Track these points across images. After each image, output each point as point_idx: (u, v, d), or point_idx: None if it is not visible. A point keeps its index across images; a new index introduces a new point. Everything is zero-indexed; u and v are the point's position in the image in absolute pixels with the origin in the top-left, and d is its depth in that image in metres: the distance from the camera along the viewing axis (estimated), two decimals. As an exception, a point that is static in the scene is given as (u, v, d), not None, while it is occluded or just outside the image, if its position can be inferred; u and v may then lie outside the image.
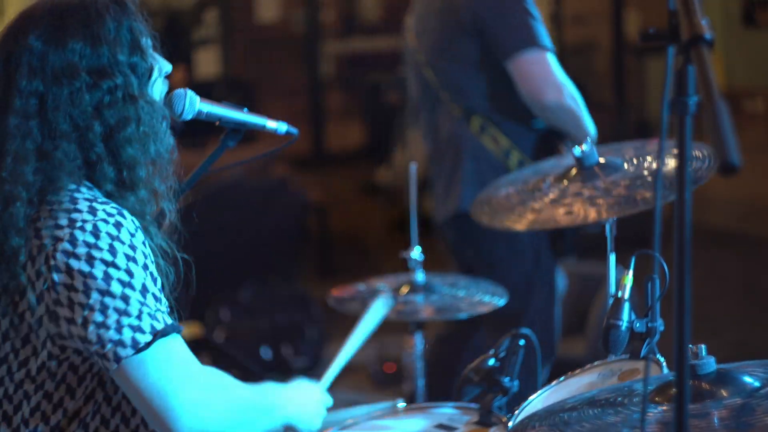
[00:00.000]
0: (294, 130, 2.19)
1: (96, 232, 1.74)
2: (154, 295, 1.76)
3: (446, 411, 2.20)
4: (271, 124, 2.16)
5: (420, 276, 2.83)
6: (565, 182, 2.44)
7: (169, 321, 1.77)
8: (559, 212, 2.39)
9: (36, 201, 1.79)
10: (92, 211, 1.77)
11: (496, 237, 3.35)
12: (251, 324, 4.95)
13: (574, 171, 2.44)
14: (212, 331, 4.84)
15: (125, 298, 1.73)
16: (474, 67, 3.46)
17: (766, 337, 5.14)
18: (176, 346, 1.77)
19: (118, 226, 1.76)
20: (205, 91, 2.16)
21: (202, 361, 1.85)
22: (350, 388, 4.15)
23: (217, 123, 2.08)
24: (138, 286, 1.74)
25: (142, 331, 1.73)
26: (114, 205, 1.80)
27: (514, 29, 3.34)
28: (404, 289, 2.83)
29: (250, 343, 4.85)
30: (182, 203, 2.00)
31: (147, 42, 1.89)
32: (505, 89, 3.39)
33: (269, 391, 2.04)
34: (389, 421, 2.19)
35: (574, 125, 3.35)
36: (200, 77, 8.65)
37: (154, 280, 1.79)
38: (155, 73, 1.89)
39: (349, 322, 2.65)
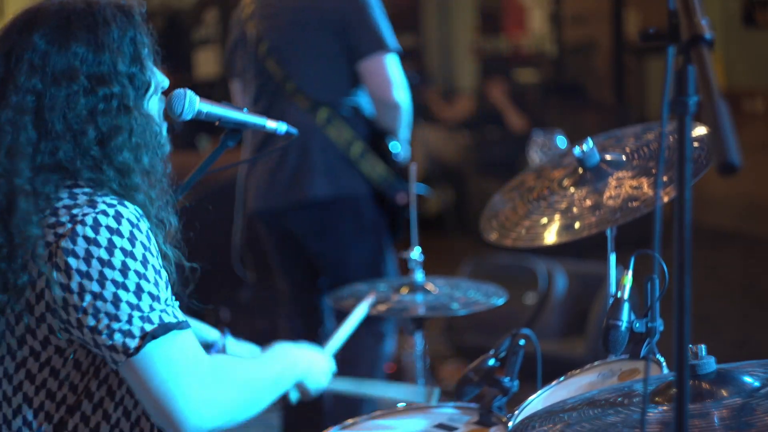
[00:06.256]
0: (294, 130, 2.19)
1: (96, 226, 1.74)
2: (150, 293, 1.75)
3: (446, 411, 2.20)
4: (271, 124, 2.15)
5: (420, 276, 2.83)
6: (572, 189, 2.30)
7: (167, 319, 1.75)
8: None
9: (43, 195, 1.78)
10: (92, 204, 1.76)
11: (345, 223, 3.65)
12: (251, 324, 4.94)
13: (579, 171, 2.30)
14: (212, 331, 4.83)
15: (116, 302, 1.73)
16: (328, 62, 3.70)
17: (766, 337, 5.14)
18: (174, 345, 1.75)
19: (118, 216, 1.75)
20: (205, 91, 2.16)
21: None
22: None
23: (217, 123, 2.08)
24: (132, 287, 1.73)
25: (132, 336, 1.73)
26: (114, 196, 1.79)
27: (373, 32, 3.67)
28: (404, 290, 2.83)
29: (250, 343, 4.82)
30: (182, 203, 2.00)
31: (149, 56, 1.89)
32: (350, 85, 3.71)
33: (279, 355, 2.13)
34: (389, 420, 2.19)
35: (401, 124, 3.76)
36: (200, 77, 8.64)
37: (158, 272, 1.77)
38: (152, 89, 1.89)
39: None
